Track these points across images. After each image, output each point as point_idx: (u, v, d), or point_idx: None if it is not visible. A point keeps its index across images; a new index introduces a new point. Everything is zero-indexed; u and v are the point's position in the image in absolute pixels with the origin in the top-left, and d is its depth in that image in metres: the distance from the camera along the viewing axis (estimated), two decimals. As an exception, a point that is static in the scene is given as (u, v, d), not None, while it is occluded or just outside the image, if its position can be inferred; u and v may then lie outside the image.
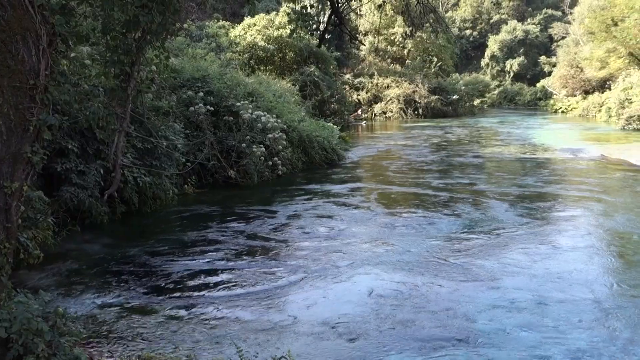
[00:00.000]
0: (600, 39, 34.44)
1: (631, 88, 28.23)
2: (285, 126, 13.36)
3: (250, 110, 12.42)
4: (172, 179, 10.09)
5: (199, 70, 13.04)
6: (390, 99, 37.09)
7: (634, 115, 25.51)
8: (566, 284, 5.86)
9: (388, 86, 37.98)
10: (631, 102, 26.90)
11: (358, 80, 38.66)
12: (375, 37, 41.58)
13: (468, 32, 75.36)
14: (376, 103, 37.57)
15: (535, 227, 8.21)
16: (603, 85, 38.32)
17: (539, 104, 52.05)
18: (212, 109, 11.93)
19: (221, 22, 28.50)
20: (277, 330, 4.90)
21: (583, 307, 5.23)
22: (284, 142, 12.95)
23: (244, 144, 11.87)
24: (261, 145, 12.23)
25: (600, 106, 34.18)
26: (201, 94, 11.98)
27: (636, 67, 30.64)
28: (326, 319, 5.10)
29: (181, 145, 10.38)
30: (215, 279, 6.18)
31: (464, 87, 42.35)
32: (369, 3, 37.90)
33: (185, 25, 26.12)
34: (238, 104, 12.44)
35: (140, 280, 6.13)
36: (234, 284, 5.98)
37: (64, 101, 6.34)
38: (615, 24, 31.75)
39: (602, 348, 4.45)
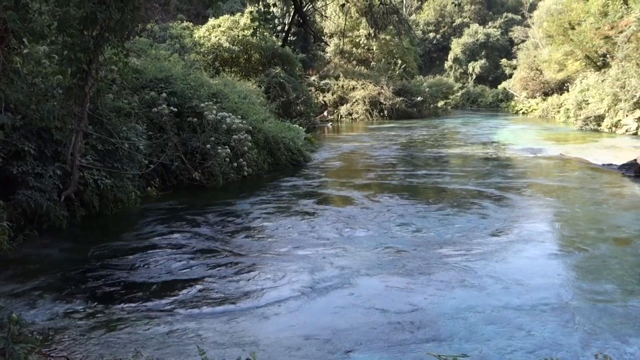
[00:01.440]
0: (558, 42, 35.32)
1: (588, 90, 29.01)
2: (250, 127, 13.25)
3: (214, 111, 12.27)
4: (134, 181, 9.88)
5: (162, 70, 12.83)
6: (356, 101, 37.29)
7: (591, 116, 26.23)
8: (527, 279, 5.93)
9: (354, 88, 38.18)
10: (588, 104, 27.66)
11: (324, 82, 38.75)
12: (340, 39, 41.72)
13: (431, 35, 76.41)
14: (342, 105, 37.71)
15: (497, 225, 8.31)
16: (561, 87, 39.27)
17: (500, 106, 53.09)
18: (175, 110, 11.74)
19: (185, 23, 28.16)
20: (242, 334, 4.82)
21: (543, 304, 5.30)
22: (250, 143, 12.84)
23: (208, 145, 11.72)
24: (226, 147, 12.09)
25: (559, 107, 35.05)
26: (164, 94, 11.78)
27: (592, 69, 31.48)
28: (292, 323, 5.05)
29: (144, 147, 10.17)
30: (177, 283, 6.03)
31: (428, 89, 42.85)
32: (334, 5, 38.05)
33: (148, 26, 25.76)
34: (202, 104, 12.29)
35: (100, 285, 5.97)
36: (196, 288, 5.84)
37: (18, 100, 6.13)
38: (572, 28, 32.61)
39: (564, 341, 4.51)
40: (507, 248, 7.11)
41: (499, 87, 57.73)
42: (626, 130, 23.30)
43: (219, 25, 26.56)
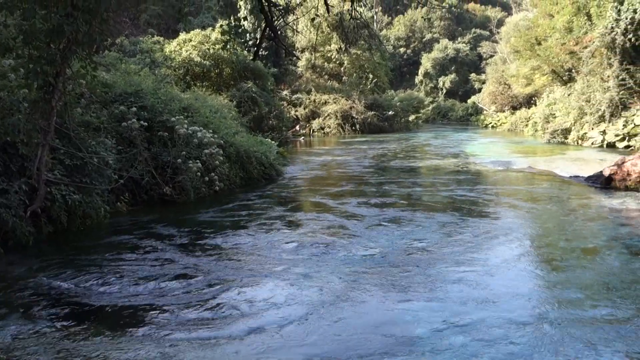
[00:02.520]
0: (525, 57, 36.13)
1: (555, 104, 29.70)
2: (222, 141, 13.17)
3: (185, 126, 12.17)
4: (103, 197, 9.70)
5: (132, 85, 12.69)
6: (328, 115, 37.46)
7: (558, 130, 26.83)
8: (497, 290, 5.98)
9: (325, 102, 38.37)
10: (555, 117, 28.31)
11: (296, 96, 38.88)
12: (312, 54, 41.97)
13: (402, 50, 77.55)
14: (314, 119, 37.85)
15: (467, 236, 8.38)
16: (529, 101, 40.14)
17: (470, 119, 53.98)
18: (145, 124, 11.60)
19: (156, 38, 28.00)
20: (212, 348, 4.74)
21: (513, 314, 5.34)
22: (221, 158, 12.76)
23: (179, 160, 11.60)
24: (197, 161, 11.99)
25: (527, 121, 35.78)
26: (134, 109, 11.64)
27: (559, 83, 32.25)
28: (271, 345, 4.99)
29: (113, 161, 10.01)
30: (145, 302, 5.84)
31: (399, 103, 43.35)
32: (305, 20, 38.32)
33: (118, 40, 25.52)
34: (173, 119, 12.17)
35: (67, 305, 5.80)
36: (167, 310, 5.62)
37: (-18, 114, 5.99)
38: (539, 43, 33.40)
39: (534, 352, 4.55)
40: (476, 259, 7.17)
41: (469, 101, 58.76)
42: (592, 143, 23.87)
43: (190, 40, 26.48)
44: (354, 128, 37.15)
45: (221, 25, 9.09)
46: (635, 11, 23.17)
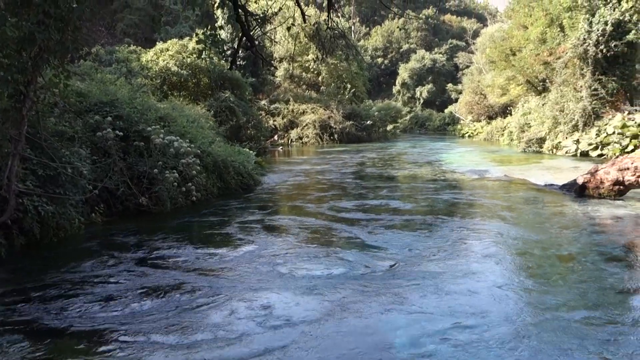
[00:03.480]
0: (500, 67, 36.68)
1: (530, 113, 30.17)
2: (199, 151, 13.07)
3: (162, 135, 12.06)
4: (77, 208, 9.53)
5: (108, 94, 12.54)
6: (306, 125, 37.54)
7: (533, 139, 27.25)
8: (474, 297, 6.01)
9: (304, 112, 38.45)
10: (530, 127, 28.75)
11: (274, 106, 38.91)
12: (290, 64, 42.06)
13: (380, 60, 78.21)
14: (292, 129, 37.89)
15: (445, 244, 8.42)
16: (505, 110, 40.69)
17: (447, 129, 54.56)
18: (121, 134, 11.47)
19: (132, 47, 27.79)
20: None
21: (489, 321, 5.37)
22: (198, 167, 12.66)
23: (155, 170, 11.47)
24: (174, 171, 11.87)
25: (503, 130, 36.27)
26: (109, 118, 11.50)
27: (533, 93, 32.77)
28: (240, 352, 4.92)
29: (87, 172, 9.85)
30: (115, 323, 5.59)
31: (377, 113, 43.60)
32: (283, 30, 38.42)
33: (93, 50, 25.26)
34: (149, 128, 12.05)
35: (39, 321, 5.66)
36: (141, 330, 5.41)
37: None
38: (514, 54, 33.96)
39: (511, 358, 4.57)
40: (454, 267, 7.20)
41: (446, 111, 59.43)
42: (566, 152, 24.27)
43: (167, 49, 26.36)
44: (332, 138, 37.27)
45: (197, 34, 9.05)
46: (606, 23, 23.71)
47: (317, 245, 8.55)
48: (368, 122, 39.91)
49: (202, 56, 8.05)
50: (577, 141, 24.04)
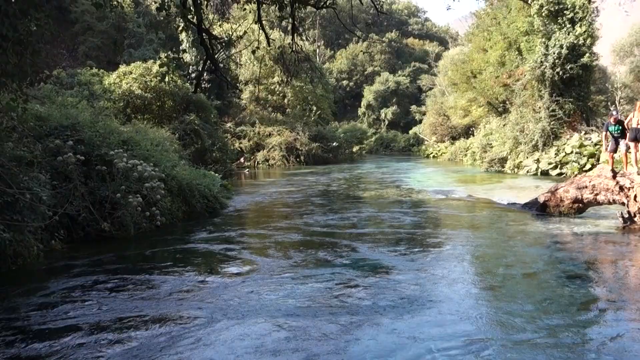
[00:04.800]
0: (462, 89, 37.58)
1: (491, 134, 30.87)
2: (163, 175, 12.89)
3: (125, 159, 11.85)
4: (36, 234, 9.26)
5: (69, 117, 12.30)
6: (273, 147, 37.56)
7: (495, 159, 27.87)
8: (440, 315, 6.03)
9: (270, 134, 38.50)
10: (492, 147, 29.40)
11: (240, 128, 38.85)
12: (255, 87, 42.18)
13: (345, 82, 79.13)
14: (259, 151, 37.86)
15: (411, 264, 8.46)
16: (468, 131, 41.58)
17: (412, 150, 55.34)
18: (83, 158, 11.22)
19: (94, 70, 27.45)
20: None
21: (456, 339, 5.38)
22: (163, 191, 12.46)
23: (118, 194, 11.24)
24: (137, 195, 11.66)
25: (466, 151, 37.00)
26: (71, 142, 11.26)
27: (494, 115, 33.57)
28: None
29: (47, 197, 9.60)
30: (74, 347, 5.45)
31: (343, 134, 44.01)
32: (248, 53, 38.52)
33: (54, 72, 24.86)
34: (112, 152, 11.83)
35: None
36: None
37: None
38: (475, 76, 34.86)
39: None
40: (420, 286, 7.22)
41: (410, 132, 60.36)
42: (527, 171, 24.85)
43: (131, 72, 26.13)
44: (298, 159, 37.36)
45: (160, 58, 8.98)
46: (561, 46, 24.56)
47: (280, 270, 8.47)
48: (334, 143, 40.19)
49: (165, 80, 7.97)
50: (538, 160, 24.66)
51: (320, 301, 6.71)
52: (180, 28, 8.74)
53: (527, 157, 25.72)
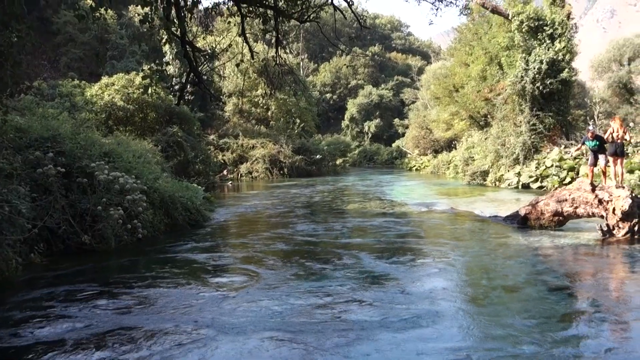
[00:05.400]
0: (444, 103, 37.96)
1: (473, 147, 31.18)
2: (145, 187, 12.79)
3: (106, 171, 11.74)
4: (15, 248, 9.11)
5: (49, 129, 12.17)
6: (256, 159, 37.51)
7: (477, 172, 28.12)
8: (422, 329, 6.03)
9: (253, 147, 38.45)
10: (474, 160, 29.69)
11: (223, 140, 38.76)
12: (239, 99, 42.21)
13: (328, 95, 79.54)
14: (242, 163, 37.77)
15: (394, 276, 8.47)
16: (450, 144, 41.96)
17: (395, 163, 55.64)
18: (63, 170, 11.10)
19: (76, 81, 27.25)
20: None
21: (437, 353, 5.39)
22: (144, 204, 12.35)
23: (99, 207, 11.12)
24: (119, 208, 11.55)
25: (449, 164, 37.30)
26: (51, 154, 11.14)
27: (476, 128, 33.93)
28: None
29: (27, 210, 9.46)
30: None
31: (326, 147, 44.15)
32: (232, 65, 38.58)
33: (35, 84, 24.65)
34: (93, 164, 11.72)
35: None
36: None
37: None
38: (457, 90, 35.25)
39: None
40: (400, 300, 7.23)
41: (393, 145, 60.74)
42: (508, 184, 25.09)
43: (113, 84, 25.98)
44: (282, 172, 37.34)
45: (143, 70, 8.94)
46: (541, 62, 24.97)
47: (261, 284, 8.43)
48: (317, 156, 40.26)
49: (148, 92, 7.94)
50: (519, 174, 24.93)
51: (306, 314, 6.69)
52: (163, 40, 8.74)
53: (508, 171, 25.99)
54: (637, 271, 9.05)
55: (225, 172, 35.95)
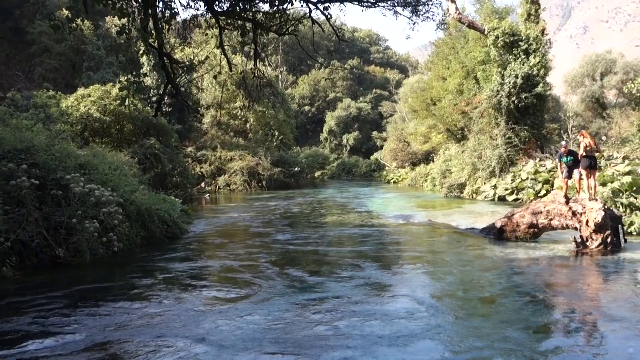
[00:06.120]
0: (422, 116, 38.30)
1: (450, 160, 31.49)
2: (121, 199, 12.64)
3: (81, 184, 11.58)
4: (-14, 261, 8.91)
5: (23, 141, 11.98)
6: (234, 172, 37.35)
7: (454, 184, 28.37)
8: (398, 341, 6.03)
9: (231, 159, 38.31)
10: (451, 173, 29.97)
11: (201, 152, 38.54)
12: (217, 111, 42.08)
13: (307, 108, 79.74)
14: (220, 175, 37.58)
15: (371, 288, 8.47)
16: (428, 157, 42.31)
17: (373, 175, 55.84)
18: (37, 182, 10.92)
19: (51, 92, 26.91)
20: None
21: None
22: (120, 217, 12.19)
23: (74, 220, 10.95)
24: (94, 221, 11.38)
25: (426, 176, 37.59)
26: (24, 166, 10.95)
27: (453, 141, 34.29)
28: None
29: (-2, 223, 9.27)
30: None
31: (305, 159, 44.12)
32: (210, 77, 38.51)
33: (9, 94, 24.29)
34: (68, 176, 11.55)
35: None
36: None
37: None
38: (434, 104, 35.62)
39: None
40: (377, 311, 7.23)
41: (372, 157, 61.01)
42: (485, 197, 25.36)
43: (89, 95, 25.74)
44: (260, 184, 37.22)
45: (120, 81, 8.86)
46: (517, 76, 25.41)
47: (238, 298, 8.37)
48: (296, 168, 40.24)
49: (125, 103, 7.87)
50: (495, 186, 25.22)
51: (278, 324, 6.65)
52: (141, 51, 8.69)
53: (484, 183, 26.28)
54: (610, 281, 9.20)
55: (203, 184, 35.73)
